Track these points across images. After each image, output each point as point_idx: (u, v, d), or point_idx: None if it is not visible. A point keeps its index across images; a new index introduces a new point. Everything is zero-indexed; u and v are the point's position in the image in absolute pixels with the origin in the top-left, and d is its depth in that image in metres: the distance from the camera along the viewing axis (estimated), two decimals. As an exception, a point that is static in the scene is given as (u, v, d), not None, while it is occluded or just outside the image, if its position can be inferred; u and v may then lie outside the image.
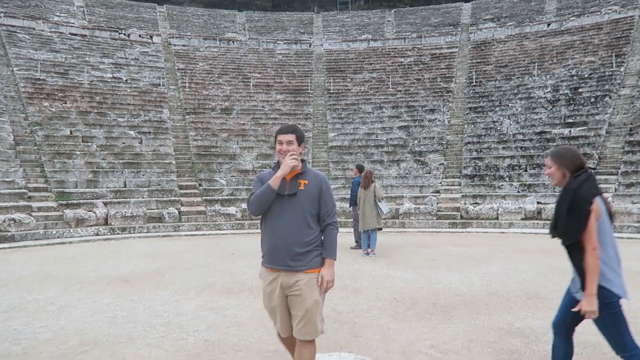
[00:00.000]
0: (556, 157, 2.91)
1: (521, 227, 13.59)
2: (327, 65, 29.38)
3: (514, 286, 6.12)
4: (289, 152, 2.88)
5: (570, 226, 2.71)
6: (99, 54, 26.66)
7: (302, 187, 2.91)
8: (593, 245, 2.65)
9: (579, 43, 25.78)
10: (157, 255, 9.21)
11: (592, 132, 17.77)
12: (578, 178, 2.78)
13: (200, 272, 7.34)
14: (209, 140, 20.25)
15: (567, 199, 2.74)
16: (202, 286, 6.37)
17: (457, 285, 6.23)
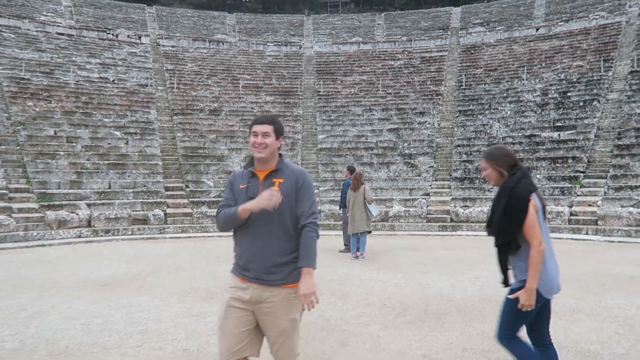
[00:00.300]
0: (490, 158, 2.92)
1: (511, 230, 13.48)
2: (317, 67, 29.23)
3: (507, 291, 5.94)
4: (262, 145, 2.51)
5: (507, 225, 2.71)
6: (86, 54, 26.25)
7: (277, 187, 2.53)
8: (538, 239, 2.67)
9: (567, 48, 25.93)
10: (140, 258, 8.92)
11: (581, 135, 17.78)
12: (514, 176, 2.79)
13: (183, 276, 7.07)
14: (197, 141, 19.95)
15: (504, 198, 2.75)
16: (185, 291, 6.11)
17: (449, 290, 6.04)
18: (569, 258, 8.55)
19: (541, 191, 15.33)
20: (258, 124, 2.58)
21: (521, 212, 2.68)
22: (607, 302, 5.37)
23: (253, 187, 2.55)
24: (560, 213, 13.43)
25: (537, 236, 2.67)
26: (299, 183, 2.55)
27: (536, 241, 2.67)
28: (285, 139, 21.65)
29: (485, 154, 2.98)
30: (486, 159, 2.95)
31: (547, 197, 14.88)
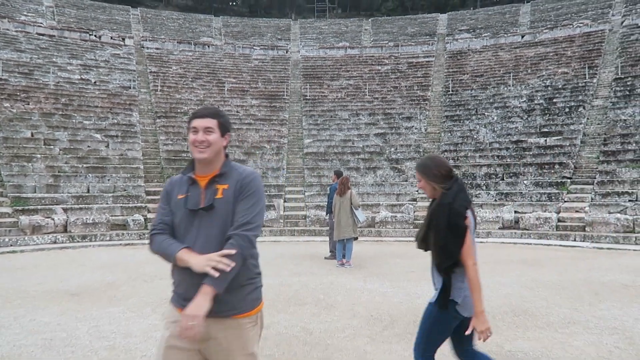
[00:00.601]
0: (421, 170, 2.76)
1: (499, 236, 13.32)
2: (303, 71, 29.00)
3: (498, 301, 5.70)
4: (204, 143, 2.08)
5: (452, 245, 2.54)
6: (67, 54, 25.69)
7: (221, 195, 2.06)
8: (473, 260, 2.55)
9: (552, 54, 26.11)
10: (115, 265, 8.51)
11: (567, 141, 17.77)
12: (451, 191, 2.63)
13: (160, 285, 6.71)
14: (180, 144, 19.53)
15: (443, 216, 2.58)
16: (160, 301, 5.75)
17: (439, 299, 5.78)
18: (557, 265, 8.37)
19: (528, 197, 15.32)
20: (198, 118, 2.13)
21: (462, 230, 2.54)
22: (602, 313, 5.15)
23: (193, 197, 2.09)
24: (548, 219, 13.31)
25: (472, 256, 2.54)
26: (244, 188, 2.08)
27: (471, 261, 2.54)
28: (270, 143, 21.53)
29: (417, 166, 2.80)
30: (418, 171, 2.77)
31: (534, 203, 14.78)
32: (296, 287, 6.45)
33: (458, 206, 2.57)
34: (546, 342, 4.17)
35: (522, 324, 4.76)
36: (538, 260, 8.88)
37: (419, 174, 2.78)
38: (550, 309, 5.31)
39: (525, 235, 13.04)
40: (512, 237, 13.15)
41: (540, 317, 5.00)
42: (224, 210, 2.06)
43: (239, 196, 2.06)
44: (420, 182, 2.79)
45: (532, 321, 4.83)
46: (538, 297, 5.88)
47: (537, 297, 5.89)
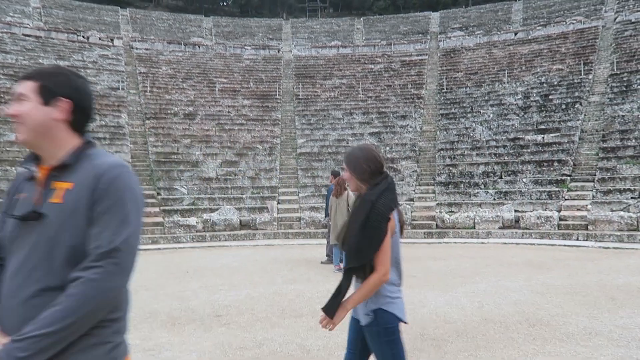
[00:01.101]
0: (348, 161, 2.51)
1: (499, 236, 12.96)
2: (296, 71, 28.57)
3: (509, 309, 5.29)
4: (16, 118, 1.45)
5: (364, 246, 2.30)
6: (54, 56, 25.10)
7: (58, 199, 1.39)
8: (386, 268, 2.30)
9: (546, 51, 25.89)
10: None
11: (565, 138, 17.47)
12: (377, 187, 2.38)
13: (144, 297, 6.25)
14: (170, 146, 19.02)
15: (362, 212, 2.34)
16: (143, 315, 5.30)
17: (445, 308, 5.36)
18: (565, 267, 8.00)
19: (528, 195, 14.97)
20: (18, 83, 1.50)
21: (381, 232, 2.29)
22: (624, 321, 4.76)
23: (27, 199, 1.45)
24: (550, 218, 12.96)
25: (386, 263, 2.29)
26: (94, 189, 1.38)
27: (383, 269, 2.28)
28: (263, 144, 21.12)
29: (345, 155, 2.55)
30: (345, 162, 2.51)
31: (534, 202, 14.43)
32: (291, 297, 6.02)
33: (381, 205, 2.31)
34: (569, 357, 3.77)
35: (539, 335, 4.35)
36: (544, 262, 8.50)
37: (345, 165, 2.50)
38: (567, 317, 4.92)
39: (527, 235, 12.68)
40: (513, 237, 12.79)
41: (557, 327, 4.59)
42: (58, 223, 1.37)
43: (94, 206, 1.37)
44: (345, 173, 2.50)
45: (550, 332, 4.42)
46: (551, 304, 5.48)
47: (551, 304, 5.49)
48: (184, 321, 5.04)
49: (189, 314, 5.35)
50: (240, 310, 5.44)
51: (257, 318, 5.10)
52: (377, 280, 2.29)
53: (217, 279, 7.47)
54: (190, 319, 5.13)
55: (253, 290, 6.51)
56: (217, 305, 5.69)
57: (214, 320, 5.05)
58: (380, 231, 2.28)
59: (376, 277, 2.28)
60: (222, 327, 4.77)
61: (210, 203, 16.01)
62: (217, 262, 9.41)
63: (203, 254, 10.80)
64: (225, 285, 6.94)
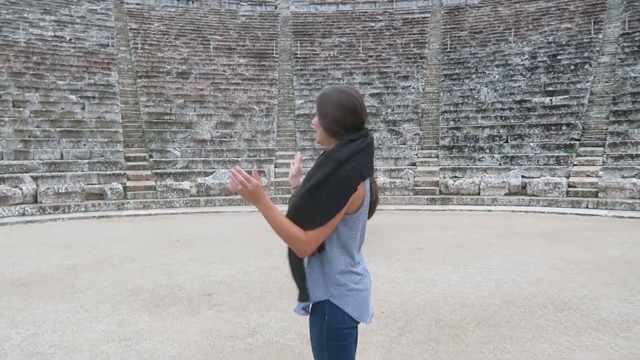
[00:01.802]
0: (318, 104, 1.91)
1: (506, 203, 12.44)
2: (293, 28, 27.38)
3: (530, 289, 4.78)
4: None
5: (307, 211, 1.76)
6: (40, 10, 23.86)
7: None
8: (310, 244, 1.76)
9: (554, 9, 24.81)
10: (82, 244, 7.49)
11: (574, 100, 16.74)
12: (350, 145, 1.81)
13: (128, 270, 5.72)
14: (163, 106, 18.21)
15: (322, 171, 1.77)
16: (124, 293, 4.77)
17: (459, 288, 4.85)
18: (582, 239, 7.49)
19: (535, 160, 14.38)
20: None
21: (336, 202, 1.74)
22: (661, 305, 4.25)
23: None
24: (558, 184, 12.42)
25: (315, 241, 1.76)
26: None
27: (308, 243, 1.76)
28: (260, 105, 20.28)
29: (317, 97, 1.94)
30: (316, 105, 1.92)
31: (542, 167, 13.86)
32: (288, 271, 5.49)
33: (349, 169, 1.75)
34: (613, 354, 3.26)
35: (570, 323, 3.84)
36: (557, 233, 8.00)
37: (316, 107, 1.92)
38: (597, 300, 4.41)
39: (534, 202, 12.17)
40: (520, 204, 12.28)
41: (589, 312, 4.08)
42: None
43: None
44: (315, 118, 1.92)
45: (582, 319, 3.91)
46: (576, 283, 4.97)
47: (575, 283, 4.98)
48: (169, 301, 4.52)
49: (176, 291, 4.82)
50: (232, 288, 4.91)
51: (251, 298, 4.57)
52: (299, 250, 1.78)
53: (209, 249, 6.95)
54: (177, 298, 4.60)
55: (247, 264, 5.99)
56: (207, 282, 5.16)
57: (203, 300, 4.52)
58: (336, 201, 1.74)
59: (300, 243, 1.76)
60: (211, 310, 4.24)
61: (204, 166, 15.40)
62: (210, 230, 8.88)
63: (196, 221, 10.27)
64: (218, 257, 6.41)
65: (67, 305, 4.41)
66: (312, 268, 1.86)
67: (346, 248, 1.84)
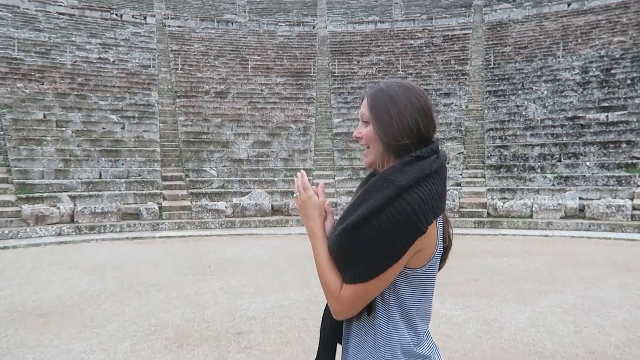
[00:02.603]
0: (372, 103, 1.33)
1: (562, 227, 11.45)
2: (331, 47, 27.22)
3: (620, 335, 4.01)
4: None
5: (349, 256, 1.20)
6: (87, 34, 24.61)
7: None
8: (351, 305, 1.22)
9: (605, 22, 23.66)
10: (110, 268, 7.13)
11: (633, 117, 15.56)
12: (419, 164, 1.23)
13: (154, 300, 5.26)
14: (200, 125, 18.14)
15: (375, 198, 1.19)
16: (147, 329, 4.30)
17: (531, 332, 4.12)
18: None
19: (593, 181, 13.30)
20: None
21: (393, 246, 1.16)
22: None
23: None
24: (622, 207, 11.35)
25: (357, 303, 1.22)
26: None
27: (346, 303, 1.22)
28: (297, 123, 19.95)
29: (370, 94, 1.37)
30: (369, 106, 1.34)
31: (601, 188, 12.78)
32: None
33: (416, 201, 1.18)
34: None
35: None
36: (631, 263, 7.08)
37: (367, 109, 1.34)
38: None
39: (594, 227, 11.14)
40: (579, 228, 11.27)
41: (703, 371, 3.31)
42: None
43: None
44: (361, 128, 1.36)
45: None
46: (674, 329, 4.16)
47: (672, 329, 4.17)
48: (195, 341, 4.00)
49: (203, 328, 4.30)
50: (265, 326, 4.36)
51: (287, 339, 4.00)
52: (325, 294, 1.25)
53: (242, 276, 6.44)
54: (203, 337, 4.08)
55: (283, 295, 5.43)
56: (238, 317, 4.63)
57: (232, 340, 3.99)
58: (390, 248, 1.16)
59: (327, 291, 1.24)
60: (241, 354, 3.69)
61: (240, 186, 15.07)
62: (244, 254, 8.40)
63: (230, 243, 9.83)
64: (251, 286, 5.89)
65: (84, 342, 3.97)
66: (356, 341, 1.28)
67: (408, 317, 1.26)
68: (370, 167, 1.34)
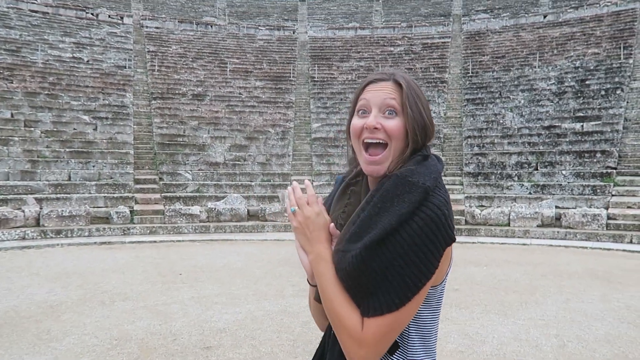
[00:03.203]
0: (409, 90, 1.12)
1: (539, 236, 11.46)
2: (311, 52, 27.10)
3: (604, 351, 3.88)
4: None
5: (378, 280, 0.98)
6: (60, 32, 23.92)
7: None
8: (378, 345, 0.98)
9: (579, 34, 24.18)
10: (75, 275, 6.75)
11: (607, 127, 15.82)
12: (430, 163, 1.12)
13: (119, 311, 4.94)
14: (176, 128, 17.73)
15: (401, 204, 1.00)
16: (108, 344, 3.99)
17: (514, 346, 3.97)
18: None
19: (569, 190, 13.40)
20: None
21: (427, 261, 0.98)
22: None
23: None
24: (597, 216, 11.42)
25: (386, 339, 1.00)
26: None
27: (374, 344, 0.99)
28: (275, 127, 19.67)
29: (403, 78, 1.15)
30: (405, 92, 1.12)
31: (577, 197, 12.89)
32: (304, 318, 4.65)
33: (443, 205, 1.03)
34: None
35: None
36: (610, 273, 7.04)
37: (401, 100, 1.12)
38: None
39: (571, 235, 11.17)
40: (555, 237, 11.29)
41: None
42: None
43: None
44: (381, 120, 1.12)
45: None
46: (657, 343, 4.06)
47: (656, 343, 4.06)
48: (159, 356, 3.71)
49: (169, 342, 4.02)
50: (237, 340, 4.10)
51: (259, 354, 3.75)
52: (340, 337, 1.01)
53: (214, 285, 6.15)
54: (169, 352, 3.80)
55: (256, 306, 5.17)
56: (207, 329, 4.35)
57: (200, 355, 3.72)
58: (427, 259, 0.98)
59: (344, 334, 1.00)
60: (208, 371, 3.44)
61: (216, 190, 14.72)
62: (217, 260, 8.10)
63: (203, 250, 9.50)
64: (223, 296, 5.61)
65: (37, 358, 3.64)
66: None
67: (429, 347, 1.08)
68: (379, 174, 1.11)
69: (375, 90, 1.13)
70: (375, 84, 1.14)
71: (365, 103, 1.13)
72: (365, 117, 1.13)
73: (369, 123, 1.10)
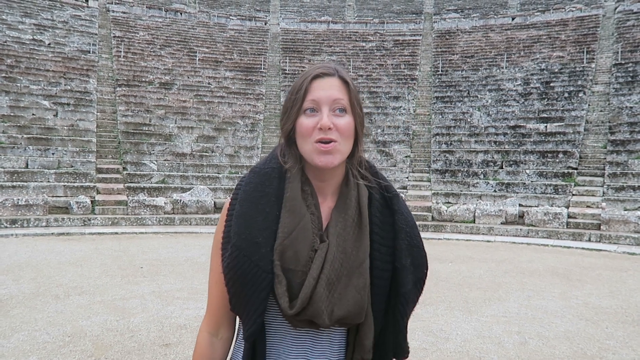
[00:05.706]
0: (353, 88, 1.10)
1: (503, 233, 11.69)
2: (283, 44, 26.84)
3: (564, 348, 3.94)
4: None
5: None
6: (20, 13, 22.89)
7: None
8: None
9: (545, 38, 24.82)
10: (28, 268, 6.45)
11: (569, 128, 16.28)
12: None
13: (73, 306, 4.73)
14: (142, 116, 17.25)
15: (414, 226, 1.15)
16: (60, 340, 3.80)
17: (477, 344, 3.99)
18: (599, 279, 6.70)
19: (532, 189, 13.73)
20: None
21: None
22: None
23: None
24: (558, 215, 11.73)
25: None
26: None
27: None
28: (245, 119, 19.42)
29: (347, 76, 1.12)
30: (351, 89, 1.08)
31: (539, 196, 13.21)
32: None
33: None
34: None
35: (628, 403, 3.01)
36: (569, 271, 7.22)
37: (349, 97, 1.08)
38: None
39: (533, 233, 11.44)
40: (518, 234, 11.54)
41: (646, 386, 3.26)
42: None
43: None
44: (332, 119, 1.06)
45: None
46: (615, 340, 4.14)
47: (614, 340, 4.15)
48: (115, 354, 3.55)
49: (126, 339, 3.85)
50: (197, 336, 3.98)
51: None
52: None
53: (176, 279, 5.98)
54: (125, 349, 3.64)
55: (219, 301, 5.04)
56: (167, 325, 4.21)
57: (159, 353, 3.58)
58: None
59: None
60: (166, 370, 3.31)
61: (182, 182, 14.42)
62: (181, 254, 7.90)
63: (167, 242, 9.26)
64: (185, 290, 5.46)
65: (-20, 356, 3.43)
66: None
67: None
68: (333, 165, 1.05)
69: (323, 89, 1.06)
70: (322, 79, 1.07)
71: (314, 101, 1.06)
72: (313, 116, 1.06)
73: (324, 123, 1.04)
